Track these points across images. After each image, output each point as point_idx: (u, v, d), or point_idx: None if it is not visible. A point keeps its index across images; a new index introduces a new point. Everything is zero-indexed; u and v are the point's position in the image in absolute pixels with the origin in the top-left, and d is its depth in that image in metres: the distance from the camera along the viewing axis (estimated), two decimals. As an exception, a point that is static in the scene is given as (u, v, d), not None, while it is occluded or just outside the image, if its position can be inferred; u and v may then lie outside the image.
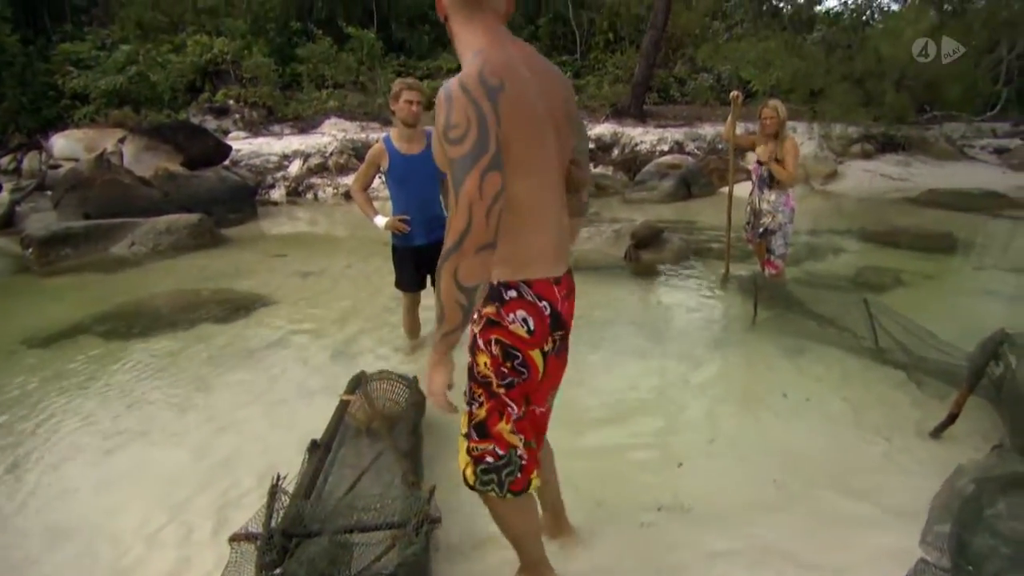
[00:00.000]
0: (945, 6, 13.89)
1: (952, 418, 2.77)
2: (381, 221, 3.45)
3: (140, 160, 8.50)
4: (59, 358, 3.97)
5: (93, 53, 13.71)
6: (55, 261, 6.36)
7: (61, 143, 10.65)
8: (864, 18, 16.02)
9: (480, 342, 1.45)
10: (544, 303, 1.44)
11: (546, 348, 1.48)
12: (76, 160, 9.43)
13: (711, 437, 2.86)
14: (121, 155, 8.71)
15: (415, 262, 3.54)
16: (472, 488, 1.58)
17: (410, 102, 3.26)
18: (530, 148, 1.32)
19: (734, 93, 4.46)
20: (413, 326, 3.88)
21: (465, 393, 1.56)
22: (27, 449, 2.92)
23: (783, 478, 2.52)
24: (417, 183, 3.40)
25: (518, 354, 1.44)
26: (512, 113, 1.26)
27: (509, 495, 1.55)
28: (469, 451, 1.55)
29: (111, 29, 14.77)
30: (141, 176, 8.11)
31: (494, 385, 1.47)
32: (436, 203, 3.51)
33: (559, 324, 1.49)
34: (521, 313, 1.42)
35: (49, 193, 8.59)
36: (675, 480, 2.52)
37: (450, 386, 1.42)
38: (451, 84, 1.26)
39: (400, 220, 3.42)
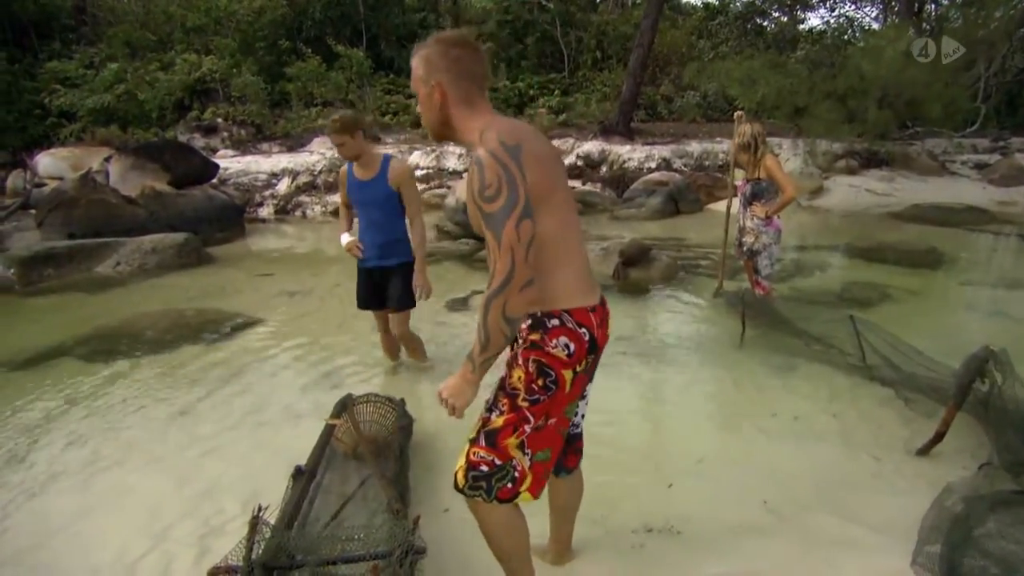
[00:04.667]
0: (924, 25, 14.21)
1: (939, 436, 2.77)
2: (345, 239, 3.52)
3: (126, 179, 8.43)
4: (38, 381, 3.90)
5: (80, 71, 13.69)
6: (37, 281, 6.28)
7: (46, 161, 10.55)
8: (846, 37, 16.36)
9: (520, 359, 1.60)
10: (583, 329, 1.59)
11: (578, 368, 1.61)
12: (61, 179, 9.33)
13: (700, 457, 2.84)
14: (107, 174, 8.63)
15: (367, 282, 3.58)
16: (460, 491, 1.67)
17: (340, 145, 3.23)
18: (549, 191, 1.52)
19: (738, 112, 4.68)
20: (391, 346, 3.85)
21: (487, 401, 1.67)
22: (2, 477, 2.85)
23: (773, 499, 2.50)
24: (370, 207, 3.39)
25: (552, 372, 1.58)
26: (533, 165, 1.48)
27: (495, 501, 1.64)
28: (469, 455, 1.65)
29: (99, 48, 14.74)
30: (127, 195, 8.03)
31: (520, 398, 1.60)
32: (391, 229, 3.44)
33: (594, 348, 1.63)
34: (563, 339, 1.57)
35: (33, 212, 8.50)
36: (665, 502, 2.50)
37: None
38: (480, 153, 1.46)
39: (356, 245, 3.47)
